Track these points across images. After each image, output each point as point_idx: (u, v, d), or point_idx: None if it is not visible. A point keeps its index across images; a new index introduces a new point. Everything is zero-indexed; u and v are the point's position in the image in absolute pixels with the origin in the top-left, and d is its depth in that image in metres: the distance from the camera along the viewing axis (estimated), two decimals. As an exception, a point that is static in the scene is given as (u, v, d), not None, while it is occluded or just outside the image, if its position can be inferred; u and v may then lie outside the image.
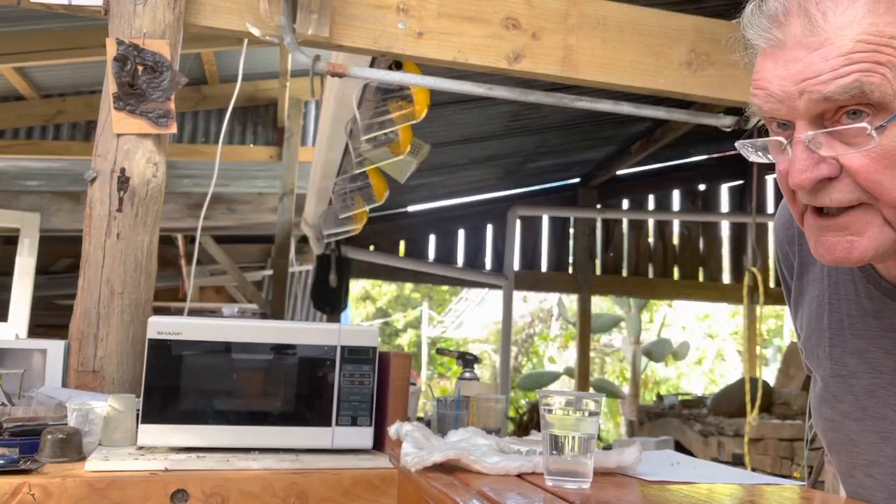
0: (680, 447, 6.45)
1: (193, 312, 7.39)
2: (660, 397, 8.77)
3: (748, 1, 0.86)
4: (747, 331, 7.64)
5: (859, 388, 1.01)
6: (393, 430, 1.56)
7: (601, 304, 12.93)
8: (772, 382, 7.16)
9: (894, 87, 0.78)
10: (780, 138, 0.85)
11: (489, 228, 8.00)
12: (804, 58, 0.81)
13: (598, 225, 8.19)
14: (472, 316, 18.11)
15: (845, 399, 1.03)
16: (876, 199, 0.83)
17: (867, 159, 0.81)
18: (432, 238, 7.92)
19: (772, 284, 8.10)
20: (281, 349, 1.66)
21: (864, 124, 0.80)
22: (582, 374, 8.03)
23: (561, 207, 8.03)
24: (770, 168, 0.95)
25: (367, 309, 18.48)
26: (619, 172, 7.74)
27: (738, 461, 5.59)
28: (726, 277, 8.48)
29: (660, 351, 11.12)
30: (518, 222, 7.77)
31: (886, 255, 0.88)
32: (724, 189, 8.45)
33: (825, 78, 0.80)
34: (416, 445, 1.41)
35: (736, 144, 0.90)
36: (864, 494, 1.04)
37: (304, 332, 1.69)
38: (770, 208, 8.05)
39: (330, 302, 6.78)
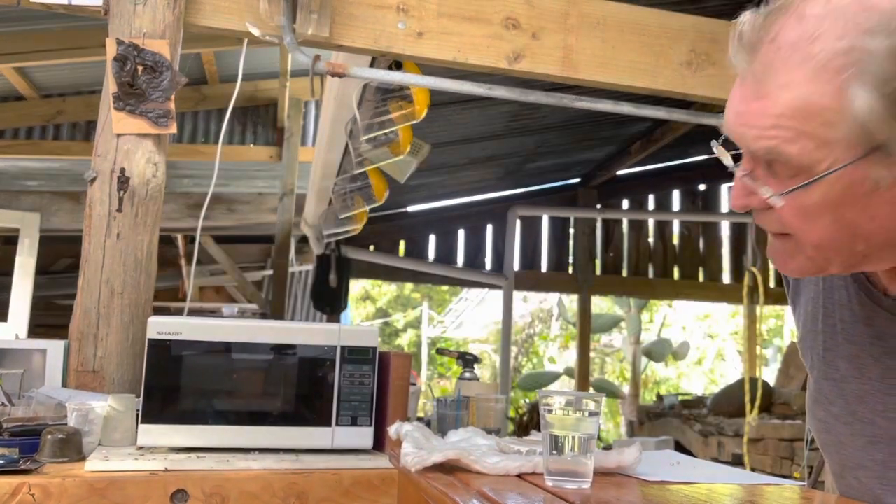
0: (680, 447, 6.45)
1: (193, 312, 7.40)
2: (660, 397, 8.78)
3: (744, 10, 0.88)
4: (747, 331, 7.65)
5: (849, 392, 1.03)
6: (393, 430, 1.56)
7: (601, 304, 12.93)
8: (772, 382, 7.17)
9: (813, 156, 0.80)
10: (729, 161, 0.89)
11: (489, 228, 8.00)
12: (750, 104, 0.84)
13: (598, 225, 8.19)
14: (472, 316, 18.12)
15: (836, 402, 1.05)
16: (797, 238, 0.88)
17: (787, 208, 0.85)
18: (432, 238, 7.92)
19: (772, 284, 8.11)
20: (281, 349, 1.66)
21: (769, 191, 0.85)
22: (582, 374, 8.03)
23: (561, 207, 8.04)
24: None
25: (367, 309, 18.49)
26: (619, 172, 7.74)
27: (738, 461, 5.59)
28: (726, 277, 8.48)
29: (660, 351, 11.13)
30: (518, 222, 7.77)
31: (846, 269, 0.92)
32: (724, 189, 8.45)
33: (754, 133, 0.83)
34: (416, 445, 1.41)
35: (712, 143, 0.92)
36: (852, 496, 1.06)
37: (304, 332, 1.69)
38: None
39: (330, 302, 6.78)
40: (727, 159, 0.90)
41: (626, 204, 8.35)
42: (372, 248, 7.52)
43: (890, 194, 0.81)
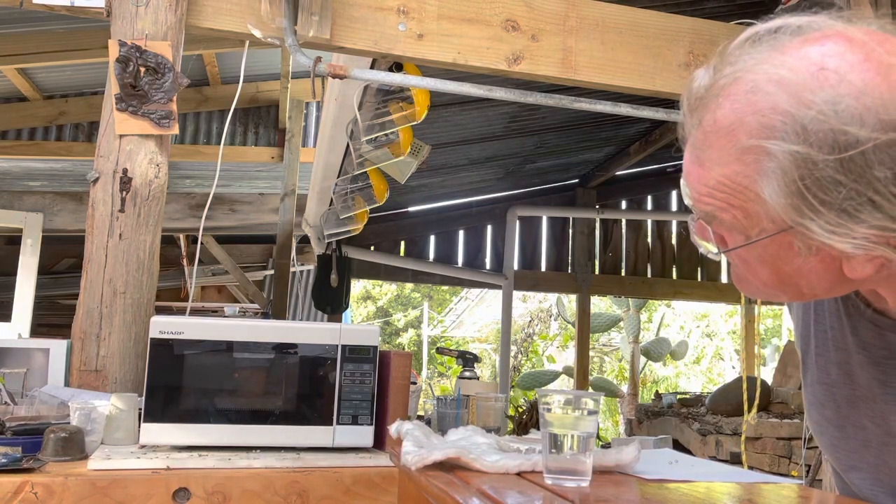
0: (678, 446, 6.45)
1: (195, 312, 7.41)
2: (658, 396, 8.77)
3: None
4: (745, 330, 7.65)
5: (840, 397, 1.05)
6: (393, 428, 1.57)
7: (600, 304, 12.93)
8: (770, 381, 7.17)
9: (744, 223, 0.87)
10: (689, 202, 0.95)
11: (489, 228, 8.00)
12: (692, 167, 0.91)
13: (597, 225, 8.20)
14: (471, 315, 18.12)
15: (828, 406, 1.07)
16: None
17: (731, 256, 0.94)
18: (432, 238, 7.92)
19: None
20: (282, 348, 1.67)
21: (713, 248, 0.94)
22: (581, 373, 8.04)
23: (560, 208, 8.04)
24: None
25: (367, 308, 18.49)
26: (617, 173, 7.74)
27: (736, 460, 5.60)
28: (724, 277, 8.48)
29: (658, 350, 11.12)
30: (517, 222, 7.77)
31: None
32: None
33: (694, 196, 0.91)
34: (416, 444, 1.41)
35: (681, 183, 0.97)
36: (851, 493, 1.09)
37: (305, 331, 1.70)
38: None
39: (331, 301, 6.78)
40: (687, 199, 0.96)
41: (624, 204, 8.35)
42: (372, 248, 7.53)
43: (816, 259, 0.86)
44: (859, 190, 0.79)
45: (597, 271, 8.21)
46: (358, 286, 16.95)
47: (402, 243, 7.88)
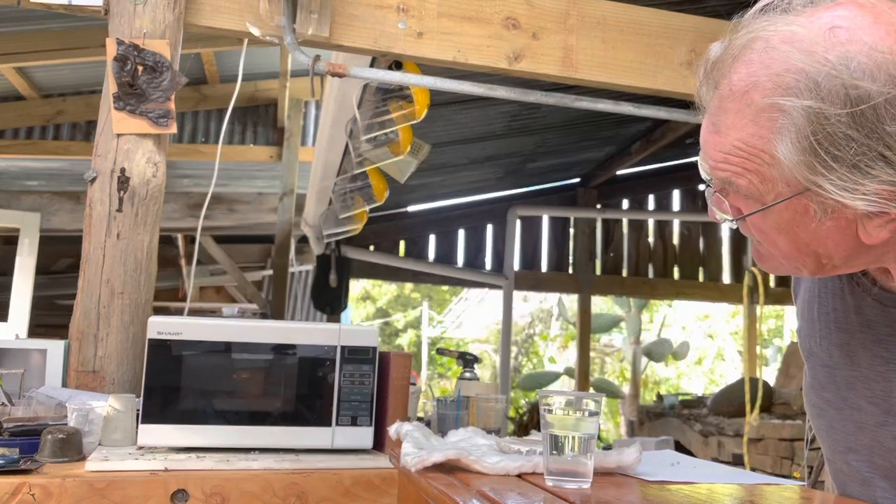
0: (680, 447, 6.45)
1: (193, 312, 7.39)
2: (660, 397, 8.77)
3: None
4: (747, 331, 7.64)
5: (840, 378, 1.07)
6: (393, 429, 1.56)
7: (601, 304, 12.94)
8: (772, 382, 7.17)
9: (760, 189, 0.89)
10: (705, 176, 0.98)
11: (489, 228, 8.00)
12: (709, 135, 0.93)
13: (598, 225, 8.19)
14: (472, 316, 18.12)
15: (828, 388, 1.09)
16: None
17: (748, 226, 0.95)
18: (432, 238, 7.92)
19: (772, 284, 8.11)
20: (281, 349, 1.67)
21: (727, 216, 0.96)
22: (582, 374, 8.03)
23: (561, 207, 8.04)
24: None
25: (367, 309, 18.50)
26: (619, 172, 7.74)
27: (738, 461, 5.59)
28: (726, 277, 8.48)
29: (660, 351, 11.13)
30: (518, 222, 7.77)
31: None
32: (724, 189, 8.44)
33: (712, 164, 0.94)
34: (416, 445, 1.41)
35: (699, 158, 1.00)
36: (842, 479, 1.11)
37: (304, 332, 1.69)
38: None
39: (330, 302, 6.78)
40: (704, 174, 0.98)
41: (626, 204, 8.35)
42: (372, 248, 7.52)
43: (833, 223, 0.88)
44: (871, 145, 0.81)
45: (598, 271, 8.21)
46: (357, 286, 16.96)
47: (402, 243, 7.88)
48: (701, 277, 8.44)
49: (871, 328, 1.01)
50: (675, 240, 8.48)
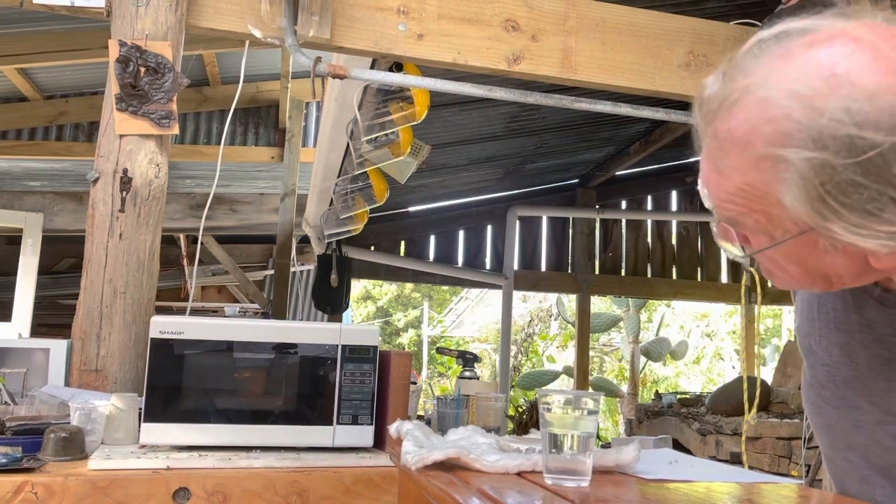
0: (678, 446, 6.45)
1: (195, 312, 7.40)
2: (658, 396, 8.76)
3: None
4: (745, 330, 7.65)
5: (839, 377, 1.07)
6: (393, 428, 1.57)
7: (600, 304, 12.94)
8: (769, 381, 7.17)
9: (767, 226, 0.89)
10: (710, 205, 0.96)
11: (489, 228, 8.00)
12: (710, 174, 0.91)
13: (597, 225, 8.20)
14: (471, 315, 18.12)
15: (827, 386, 1.10)
16: None
17: (758, 256, 0.95)
18: (432, 238, 7.92)
19: (769, 284, 8.10)
20: (282, 348, 1.68)
21: (738, 250, 0.95)
22: (581, 373, 8.04)
23: (560, 207, 8.04)
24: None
25: (367, 308, 18.49)
26: (617, 173, 7.74)
27: (736, 460, 5.59)
28: (724, 277, 8.48)
29: (658, 350, 11.12)
30: (517, 222, 7.77)
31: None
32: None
33: (716, 202, 0.92)
34: (416, 444, 1.41)
35: (699, 186, 0.98)
36: (840, 476, 1.11)
37: (305, 331, 1.70)
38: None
39: (331, 301, 6.78)
40: (708, 203, 0.96)
41: (624, 204, 8.35)
42: (373, 248, 7.53)
43: (842, 255, 0.88)
44: (881, 189, 0.80)
45: (597, 271, 8.22)
46: (358, 286, 16.96)
47: (402, 243, 7.88)
48: (699, 277, 8.45)
49: (872, 328, 1.02)
50: (674, 240, 8.48)
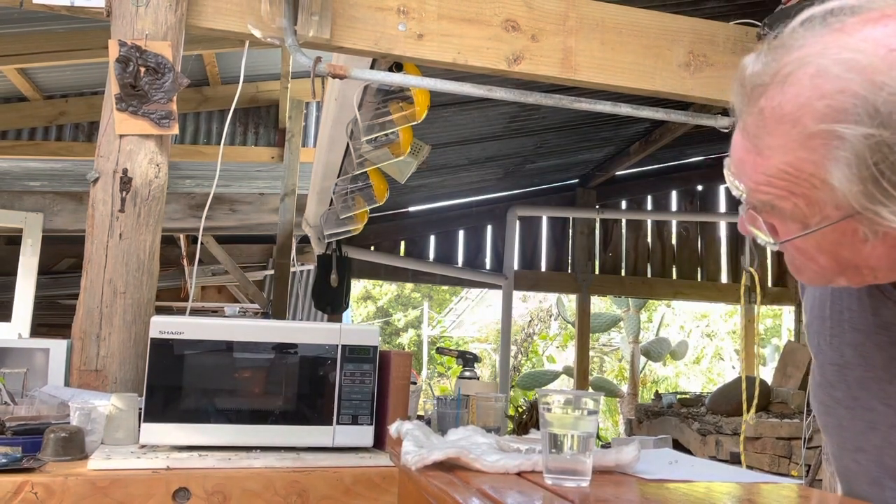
0: (678, 446, 6.45)
1: (195, 312, 7.40)
2: (658, 396, 8.76)
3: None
4: (745, 330, 7.65)
5: (853, 378, 1.05)
6: (393, 428, 1.57)
7: (600, 304, 12.94)
8: (769, 381, 7.17)
9: (805, 212, 0.85)
10: (737, 192, 0.93)
11: (489, 228, 8.00)
12: (746, 155, 0.88)
13: (597, 225, 8.20)
14: (471, 315, 18.11)
15: (839, 387, 1.08)
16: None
17: (787, 246, 0.92)
18: (432, 238, 7.93)
19: (769, 284, 8.12)
20: (282, 348, 1.68)
21: (766, 238, 0.92)
22: (581, 373, 8.04)
23: (560, 208, 8.04)
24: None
25: (367, 308, 18.49)
26: (617, 173, 7.74)
27: (736, 460, 5.59)
28: (724, 277, 8.49)
29: (658, 350, 11.13)
30: (517, 222, 7.77)
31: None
32: (722, 189, 8.45)
33: (751, 186, 0.89)
34: (416, 444, 1.41)
35: (725, 172, 0.95)
36: (849, 477, 1.09)
37: (305, 331, 1.70)
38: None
39: (331, 301, 6.78)
40: (736, 191, 0.93)
41: (624, 204, 8.35)
42: (372, 248, 7.53)
43: (882, 244, 0.85)
44: None
45: (597, 271, 8.22)
46: (358, 286, 16.96)
47: (402, 243, 7.88)
48: (699, 277, 8.45)
49: (889, 330, 1.00)
50: (674, 240, 8.48)
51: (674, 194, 8.41)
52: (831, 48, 0.81)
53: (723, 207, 8.43)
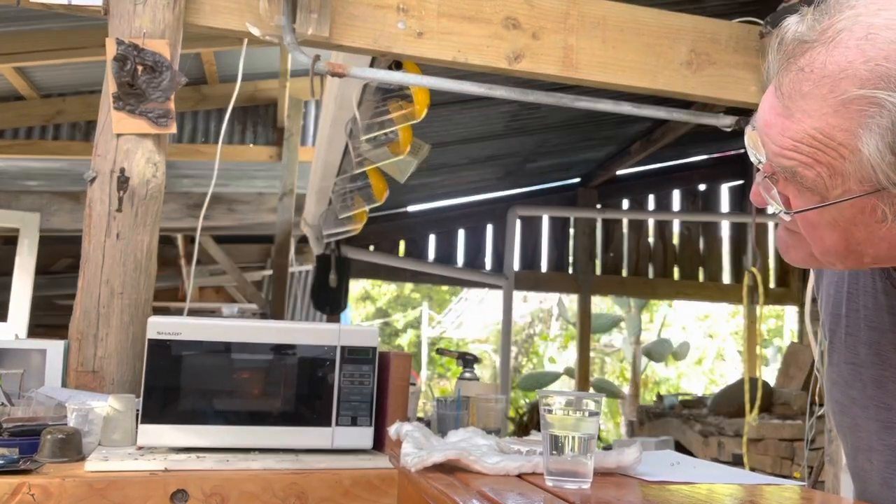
0: (680, 447, 6.45)
1: (193, 312, 7.39)
2: (660, 397, 8.77)
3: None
4: (747, 331, 7.64)
5: (868, 377, 1.04)
6: (393, 430, 1.56)
7: (601, 305, 12.93)
8: (772, 382, 7.16)
9: (827, 183, 0.83)
10: (755, 159, 0.91)
11: (489, 228, 8.00)
12: (775, 117, 0.86)
13: (598, 225, 8.19)
14: (472, 316, 18.11)
15: (854, 386, 1.07)
16: (806, 241, 0.91)
17: (799, 219, 0.89)
18: (432, 238, 7.92)
19: (772, 285, 8.11)
20: (281, 349, 1.67)
21: (780, 208, 0.89)
22: (582, 374, 8.03)
23: (561, 207, 8.04)
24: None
25: (367, 309, 18.49)
26: (619, 172, 7.74)
27: (738, 461, 5.59)
28: (726, 277, 8.49)
29: (660, 351, 11.13)
30: (518, 222, 7.77)
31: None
32: (724, 189, 8.45)
33: (774, 149, 0.86)
34: (416, 445, 1.41)
35: (746, 131, 0.93)
36: (863, 477, 1.09)
37: (303, 332, 1.69)
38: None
39: (330, 302, 6.78)
40: (754, 157, 0.91)
41: (626, 204, 8.35)
42: (372, 248, 7.53)
43: None
44: None
45: (598, 271, 8.21)
46: (357, 286, 16.95)
47: (402, 243, 7.88)
48: (701, 277, 8.44)
49: None
50: (675, 240, 8.48)
51: (676, 194, 8.41)
52: (884, 11, 0.79)
53: (725, 207, 8.43)
